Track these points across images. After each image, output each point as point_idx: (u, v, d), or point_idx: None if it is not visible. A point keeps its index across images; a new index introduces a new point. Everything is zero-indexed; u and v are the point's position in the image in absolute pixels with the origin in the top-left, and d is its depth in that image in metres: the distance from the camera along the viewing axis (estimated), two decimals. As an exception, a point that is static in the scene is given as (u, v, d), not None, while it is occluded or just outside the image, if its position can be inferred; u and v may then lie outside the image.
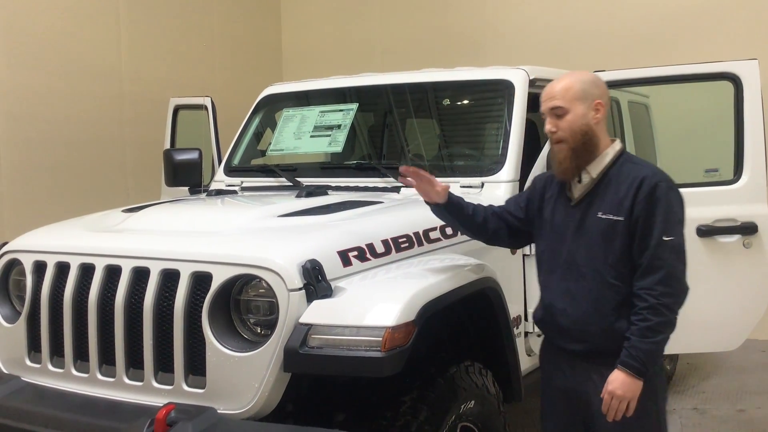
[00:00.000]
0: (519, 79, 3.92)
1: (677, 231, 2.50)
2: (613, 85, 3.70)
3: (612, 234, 2.52)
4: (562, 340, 2.68)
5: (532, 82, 3.94)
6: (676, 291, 2.48)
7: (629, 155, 2.65)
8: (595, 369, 2.58)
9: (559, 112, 2.57)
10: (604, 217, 2.54)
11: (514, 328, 3.40)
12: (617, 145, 2.64)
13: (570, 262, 2.61)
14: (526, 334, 3.72)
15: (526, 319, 3.70)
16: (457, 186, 3.71)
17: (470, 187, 3.68)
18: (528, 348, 3.76)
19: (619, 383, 2.45)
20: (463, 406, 2.87)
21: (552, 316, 2.68)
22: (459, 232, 3.24)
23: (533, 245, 2.97)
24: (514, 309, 3.50)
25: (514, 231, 2.88)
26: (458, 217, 2.86)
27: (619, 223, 2.51)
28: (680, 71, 3.74)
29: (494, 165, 3.73)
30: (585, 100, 2.57)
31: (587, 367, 2.61)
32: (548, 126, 2.60)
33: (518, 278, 3.64)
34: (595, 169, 2.59)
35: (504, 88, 3.92)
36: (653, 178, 2.50)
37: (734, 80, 3.61)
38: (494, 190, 3.62)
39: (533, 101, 3.92)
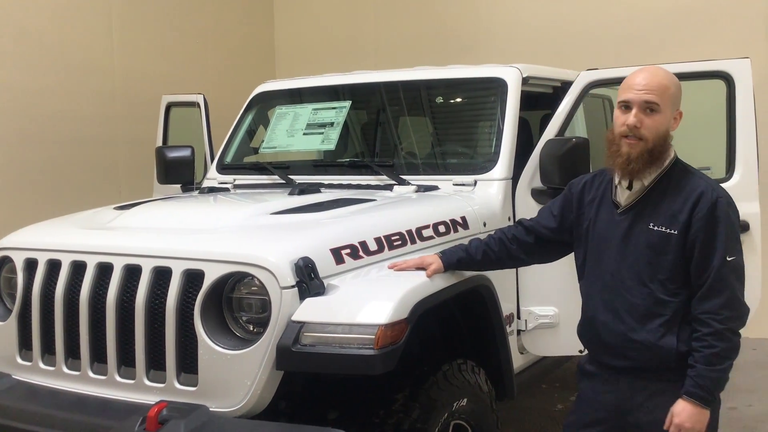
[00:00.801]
0: (512, 77, 3.91)
1: (738, 249, 2.39)
2: (605, 83, 3.71)
3: (664, 247, 2.39)
4: (605, 356, 2.55)
5: (525, 80, 3.94)
6: (740, 313, 2.37)
7: (683, 164, 2.50)
8: (639, 384, 2.48)
9: (653, 108, 2.39)
10: (656, 229, 2.40)
11: (507, 326, 3.41)
12: (671, 152, 2.48)
13: (613, 273, 2.49)
14: (519, 332, 3.72)
15: (518, 317, 3.70)
16: (450, 184, 3.72)
17: (463, 185, 3.68)
18: (520, 346, 3.76)
19: (687, 415, 2.33)
20: (455, 404, 2.87)
21: (594, 330, 2.56)
22: (452, 231, 3.25)
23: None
24: (507, 307, 3.50)
25: (547, 244, 2.77)
26: (471, 268, 2.90)
27: (672, 236, 2.38)
28: (672, 69, 3.71)
29: (487, 163, 3.73)
30: (674, 106, 2.44)
31: (632, 383, 2.49)
32: (632, 119, 2.38)
33: (511, 276, 3.64)
34: (649, 176, 2.45)
35: (497, 86, 3.92)
36: (712, 193, 2.37)
37: (726, 79, 3.61)
38: (487, 188, 3.63)
39: (526, 99, 3.94)
